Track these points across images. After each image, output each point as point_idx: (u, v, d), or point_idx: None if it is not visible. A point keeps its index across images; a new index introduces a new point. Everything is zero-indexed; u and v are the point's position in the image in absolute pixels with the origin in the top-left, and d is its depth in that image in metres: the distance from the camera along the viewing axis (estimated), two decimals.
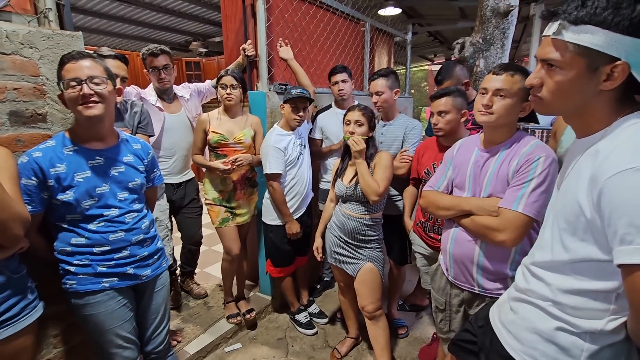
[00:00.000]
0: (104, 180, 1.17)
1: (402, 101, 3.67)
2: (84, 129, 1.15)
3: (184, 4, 4.79)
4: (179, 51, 7.02)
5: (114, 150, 1.22)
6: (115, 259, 1.19)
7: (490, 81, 1.15)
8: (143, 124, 1.78)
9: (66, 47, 1.26)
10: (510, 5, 2.20)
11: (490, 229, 1.11)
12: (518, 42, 6.81)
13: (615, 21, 0.62)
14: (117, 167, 1.21)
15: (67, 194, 1.11)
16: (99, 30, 5.52)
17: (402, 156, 1.92)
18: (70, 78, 1.06)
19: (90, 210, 1.15)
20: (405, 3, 4.58)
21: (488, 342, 0.94)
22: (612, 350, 0.72)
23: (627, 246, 0.59)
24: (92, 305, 1.17)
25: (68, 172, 1.11)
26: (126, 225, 1.21)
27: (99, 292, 1.17)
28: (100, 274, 1.17)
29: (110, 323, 1.19)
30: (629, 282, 0.60)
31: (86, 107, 1.07)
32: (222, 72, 1.95)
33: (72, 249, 1.15)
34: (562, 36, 0.68)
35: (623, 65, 0.64)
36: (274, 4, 2.20)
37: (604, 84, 0.67)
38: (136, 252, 1.23)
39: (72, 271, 1.15)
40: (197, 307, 2.35)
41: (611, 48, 0.63)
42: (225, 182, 1.99)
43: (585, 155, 0.72)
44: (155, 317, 1.35)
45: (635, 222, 0.58)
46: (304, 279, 2.40)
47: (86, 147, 1.16)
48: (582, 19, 0.65)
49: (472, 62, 2.43)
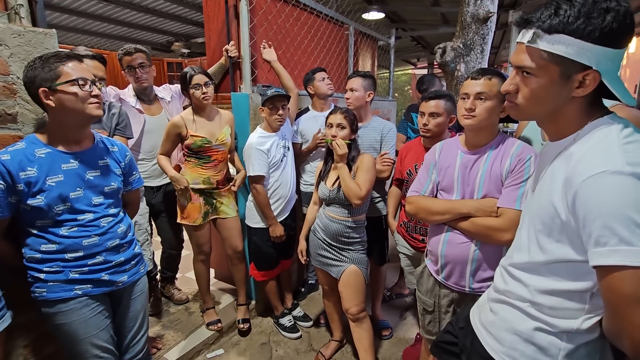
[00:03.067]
0: (78, 184, 1.13)
1: (385, 104, 3.70)
2: (66, 131, 1.11)
3: (166, 3, 4.70)
4: (161, 52, 6.88)
5: (89, 153, 1.17)
6: (89, 265, 1.14)
7: (470, 86, 1.18)
8: (121, 125, 1.73)
9: (38, 45, 1.21)
10: (489, 11, 2.26)
11: (494, 229, 1.11)
12: (497, 48, 7.02)
13: (587, 31, 0.64)
14: (93, 170, 1.17)
15: (38, 198, 1.06)
16: (76, 28, 5.35)
17: (384, 159, 1.94)
18: (79, 76, 1.05)
19: (62, 216, 1.10)
20: (389, 8, 4.64)
21: (469, 343, 0.95)
22: (587, 348, 0.74)
23: (601, 248, 0.60)
24: (64, 314, 1.12)
25: (39, 175, 1.06)
26: (100, 229, 1.16)
27: (71, 299, 1.12)
28: (72, 280, 1.12)
29: (85, 332, 1.14)
30: (605, 283, 0.62)
31: (96, 107, 1.09)
32: (189, 71, 1.82)
33: (42, 255, 1.10)
34: (537, 44, 0.69)
35: (594, 73, 0.65)
36: (257, 5, 2.19)
37: (576, 90, 0.69)
38: (111, 258, 1.19)
39: (41, 278, 1.10)
40: (177, 313, 2.29)
41: (583, 57, 0.65)
42: (209, 181, 1.95)
43: (558, 158, 0.74)
44: (134, 324, 1.31)
45: (608, 224, 0.59)
46: (288, 283, 2.38)
47: (60, 150, 1.11)
48: (555, 28, 0.66)
49: (453, 67, 2.48)
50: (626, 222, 0.58)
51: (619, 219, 0.58)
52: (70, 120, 1.09)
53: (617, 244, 0.58)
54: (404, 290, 2.59)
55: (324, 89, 2.17)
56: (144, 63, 1.96)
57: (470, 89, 1.17)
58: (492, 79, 1.15)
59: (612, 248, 0.59)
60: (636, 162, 0.60)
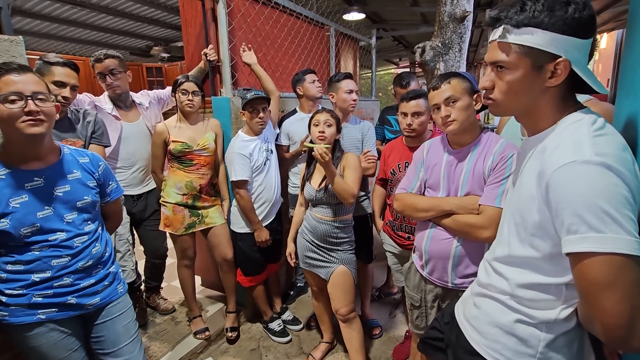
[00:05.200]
0: (46, 203, 1.06)
1: (369, 104, 3.72)
2: (18, 149, 1.04)
3: (143, 7, 4.61)
4: (140, 56, 6.75)
5: (55, 168, 1.10)
6: (54, 287, 1.08)
7: (435, 97, 1.21)
8: (97, 134, 1.68)
9: (4, 53, 1.17)
10: (465, 10, 2.30)
11: (474, 226, 1.13)
12: (477, 46, 7.17)
13: (551, 22, 0.68)
14: (61, 186, 1.10)
15: (2, 222, 1.00)
16: (50, 35, 5.19)
17: (367, 157, 1.95)
18: (10, 92, 0.95)
19: (31, 237, 1.04)
20: (369, 8, 4.68)
21: (454, 338, 0.96)
22: (566, 337, 0.75)
23: (572, 235, 0.62)
24: (29, 338, 1.06)
25: (1, 199, 1.00)
26: (73, 250, 1.10)
27: (35, 325, 1.06)
28: (35, 305, 1.05)
29: (56, 354, 1.09)
30: (576, 270, 0.64)
31: (30, 125, 0.97)
32: (181, 77, 1.89)
33: (7, 275, 1.04)
34: (507, 39, 0.72)
35: (564, 61, 0.69)
36: (235, 8, 2.17)
37: (549, 80, 0.72)
38: (79, 282, 1.12)
39: (2, 301, 1.04)
40: (164, 323, 2.24)
41: (551, 46, 0.69)
42: (192, 185, 1.92)
43: (535, 153, 0.76)
44: (119, 349, 1.21)
45: (578, 212, 0.61)
46: (276, 287, 2.36)
47: (21, 169, 1.04)
48: (523, 22, 0.70)
49: (433, 66, 2.51)
50: (594, 210, 0.59)
51: (587, 207, 0.60)
52: (16, 138, 1.01)
53: (586, 231, 0.60)
54: (393, 288, 2.61)
55: (314, 91, 2.15)
56: (115, 69, 1.91)
57: (437, 99, 1.20)
58: (450, 81, 1.18)
59: (582, 235, 0.61)
60: (604, 152, 0.62)
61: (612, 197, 0.59)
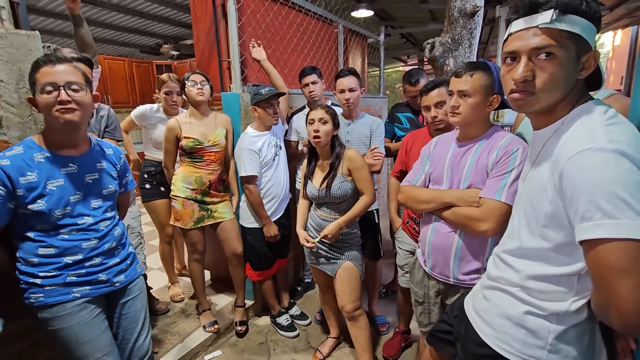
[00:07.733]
0: (78, 188, 1.13)
1: (377, 101, 3.71)
2: (57, 135, 1.10)
3: (154, 5, 4.65)
4: (150, 54, 6.81)
5: (87, 157, 1.17)
6: (87, 267, 1.14)
7: (453, 83, 1.20)
8: (110, 128, 1.72)
9: (22, 47, 1.20)
10: (476, 6, 2.28)
11: (472, 219, 1.12)
12: (486, 43, 7.08)
13: (590, 12, 0.67)
14: (91, 174, 1.17)
15: (39, 203, 1.05)
16: (63, 32, 5.28)
17: (374, 153, 1.94)
18: (46, 82, 1.01)
19: (62, 220, 1.09)
20: (378, 5, 4.65)
21: (463, 330, 0.96)
22: (576, 330, 0.75)
23: (587, 223, 0.62)
24: (62, 318, 1.10)
25: (40, 180, 1.05)
26: (99, 233, 1.16)
27: (69, 302, 1.11)
28: (70, 283, 1.11)
29: (86, 335, 1.12)
30: (591, 257, 0.63)
31: (62, 113, 1.03)
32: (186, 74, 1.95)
33: (40, 259, 1.08)
34: (554, 25, 0.68)
35: (595, 53, 0.68)
36: (245, 4, 2.18)
37: (581, 73, 0.71)
38: (108, 260, 1.19)
39: (37, 283, 1.08)
40: (174, 316, 2.27)
41: (590, 37, 0.68)
42: (201, 180, 1.95)
43: (547, 144, 0.75)
44: (135, 326, 1.29)
45: (593, 199, 0.61)
46: (284, 282, 2.38)
47: (59, 154, 1.11)
48: (570, 7, 0.67)
49: (442, 62, 2.49)
50: (609, 196, 0.59)
51: (602, 194, 0.60)
52: (54, 125, 1.07)
53: (601, 218, 0.60)
54: None
55: (305, 95, 2.17)
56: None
57: (454, 87, 1.19)
58: (474, 74, 1.15)
59: (596, 222, 0.60)
60: (618, 139, 0.62)
61: (627, 183, 0.59)
